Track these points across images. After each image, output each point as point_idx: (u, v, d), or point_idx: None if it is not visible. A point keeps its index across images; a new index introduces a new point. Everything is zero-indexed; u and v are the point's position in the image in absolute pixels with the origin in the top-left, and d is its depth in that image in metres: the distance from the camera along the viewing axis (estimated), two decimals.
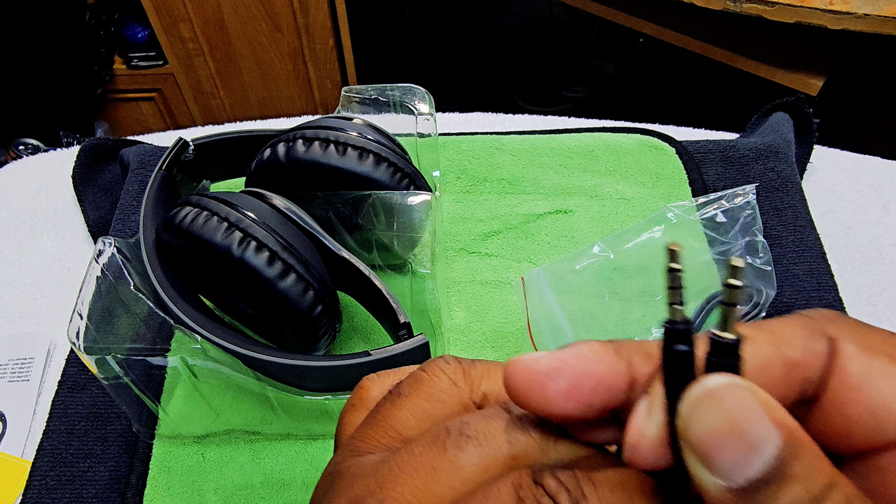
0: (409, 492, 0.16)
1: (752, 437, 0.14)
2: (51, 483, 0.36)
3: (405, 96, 0.43)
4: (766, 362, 0.15)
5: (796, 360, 0.16)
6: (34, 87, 1.18)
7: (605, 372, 0.16)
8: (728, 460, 0.14)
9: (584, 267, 0.41)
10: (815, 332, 0.16)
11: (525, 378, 0.16)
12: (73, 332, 0.31)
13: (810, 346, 0.16)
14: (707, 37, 0.92)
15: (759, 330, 0.16)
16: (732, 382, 0.14)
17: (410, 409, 0.18)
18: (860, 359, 0.15)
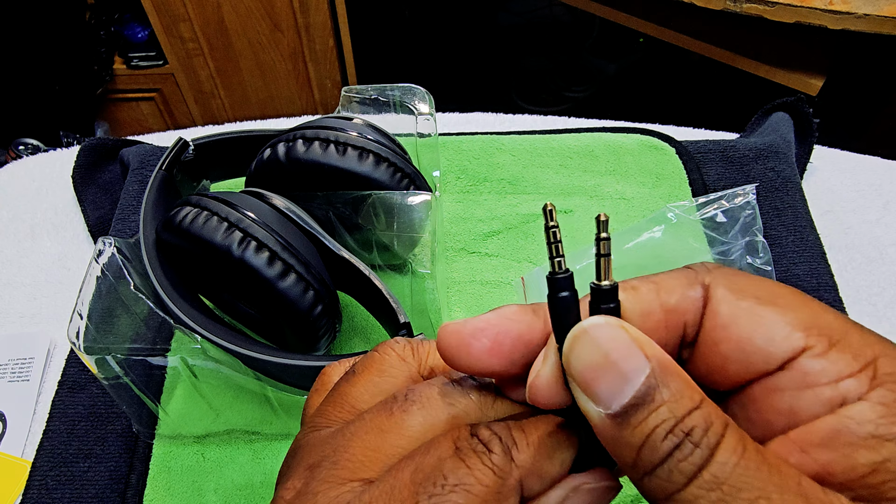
0: (361, 452, 0.17)
1: (624, 368, 0.15)
2: (51, 483, 0.36)
3: (405, 96, 0.43)
4: (647, 308, 0.17)
5: (673, 306, 0.17)
6: (34, 86, 1.18)
7: (523, 329, 0.18)
8: (604, 389, 0.15)
9: (585, 267, 0.41)
10: (692, 280, 0.18)
11: (453, 340, 0.18)
12: (73, 332, 0.31)
13: (687, 292, 0.17)
14: (707, 37, 0.92)
15: (644, 281, 0.18)
16: (606, 321, 0.16)
17: (363, 384, 0.20)
18: (729, 301, 0.17)
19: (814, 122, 0.50)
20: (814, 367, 0.16)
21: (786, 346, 0.16)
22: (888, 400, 0.15)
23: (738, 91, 1.19)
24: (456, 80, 1.56)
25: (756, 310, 0.17)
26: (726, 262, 0.41)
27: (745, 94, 1.14)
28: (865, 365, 0.16)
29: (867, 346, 0.16)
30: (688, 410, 0.15)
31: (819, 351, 0.16)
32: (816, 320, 0.16)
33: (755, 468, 0.14)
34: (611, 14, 0.99)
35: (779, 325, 0.16)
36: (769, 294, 0.17)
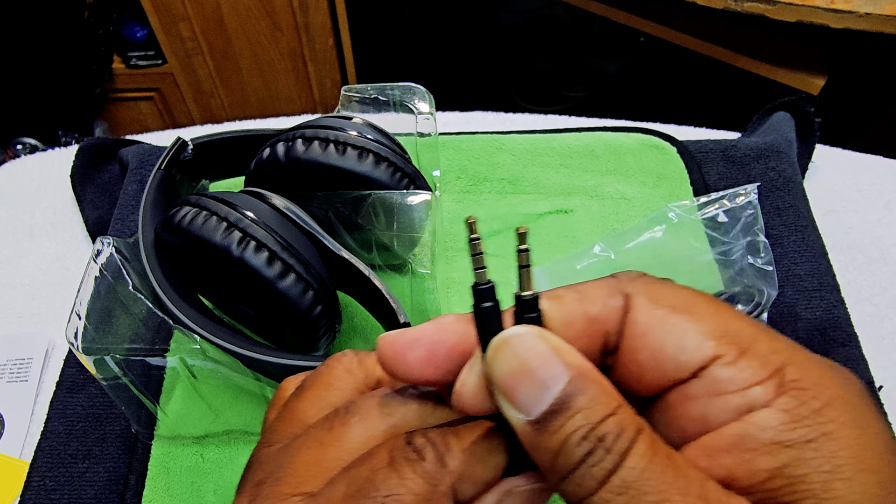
0: (303, 467, 0.18)
1: (543, 376, 0.16)
2: (49, 484, 0.36)
3: (405, 95, 0.43)
4: (570, 317, 0.18)
5: (595, 315, 0.18)
6: (33, 86, 1.18)
7: (458, 339, 0.18)
8: (524, 396, 0.16)
9: (585, 267, 0.41)
10: (614, 289, 0.18)
11: (389, 350, 0.18)
12: (72, 333, 0.31)
13: (608, 301, 0.18)
14: (708, 36, 0.92)
15: (568, 290, 0.19)
16: (525, 331, 0.17)
17: (311, 399, 0.20)
18: (647, 310, 0.17)
19: (815, 121, 0.50)
20: (723, 376, 0.16)
21: (697, 355, 0.17)
22: (790, 407, 0.16)
23: (740, 90, 1.19)
24: (456, 79, 1.56)
25: (670, 319, 0.17)
26: (727, 262, 0.41)
27: (747, 94, 1.14)
28: (773, 373, 0.16)
29: (775, 354, 0.16)
30: (602, 417, 0.15)
31: (729, 359, 0.16)
32: (728, 328, 0.17)
33: (661, 472, 0.15)
34: (611, 13, 0.99)
35: (691, 333, 0.17)
36: (683, 302, 0.17)
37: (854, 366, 0.38)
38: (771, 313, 0.41)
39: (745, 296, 0.40)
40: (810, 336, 0.40)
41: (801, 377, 0.16)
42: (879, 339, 0.42)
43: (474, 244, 0.17)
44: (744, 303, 0.40)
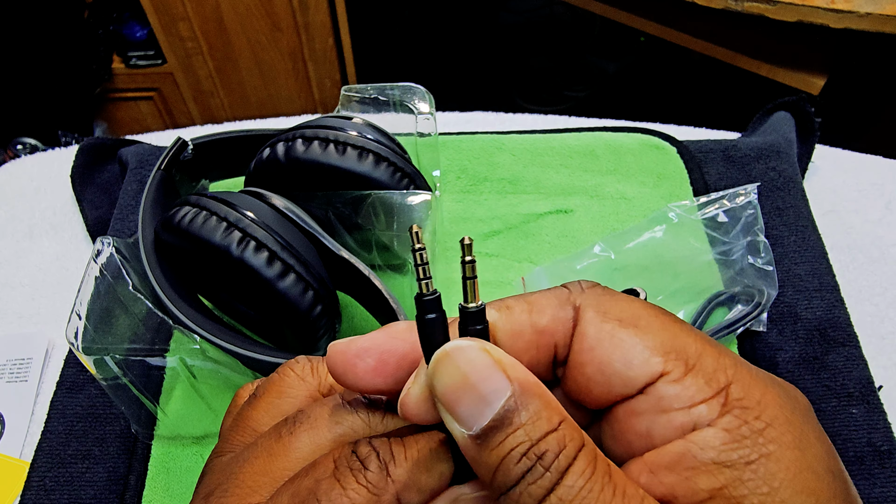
0: (250, 478, 0.18)
1: (483, 391, 0.16)
2: (49, 484, 0.36)
3: (405, 95, 0.43)
4: (518, 328, 0.18)
5: (543, 327, 0.18)
6: (32, 86, 1.18)
7: (408, 348, 0.18)
8: (465, 411, 0.16)
9: (586, 267, 0.41)
10: (564, 300, 0.18)
11: (339, 359, 0.18)
12: (72, 333, 0.31)
13: (557, 313, 0.18)
14: (708, 36, 0.92)
15: (518, 300, 0.18)
16: (467, 344, 0.16)
17: (264, 407, 0.20)
18: (595, 323, 0.17)
19: (815, 121, 0.50)
20: (669, 393, 0.16)
21: (643, 371, 0.17)
22: (733, 426, 0.16)
23: (740, 90, 1.18)
24: (456, 79, 1.56)
25: (617, 333, 0.17)
26: (727, 262, 0.41)
27: (747, 94, 1.14)
28: (718, 391, 0.16)
29: (721, 371, 0.16)
30: (543, 434, 0.15)
31: (675, 376, 0.16)
32: (675, 343, 0.17)
33: (599, 490, 0.15)
34: (611, 13, 0.99)
35: (637, 349, 0.17)
36: (631, 316, 0.17)
37: (854, 366, 0.38)
38: (771, 313, 0.41)
39: (746, 296, 0.40)
40: (810, 336, 0.40)
41: (744, 396, 0.16)
42: (879, 339, 0.42)
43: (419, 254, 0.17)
44: (744, 303, 0.40)
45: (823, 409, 0.37)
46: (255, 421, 0.20)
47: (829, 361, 0.39)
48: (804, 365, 0.39)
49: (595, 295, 0.18)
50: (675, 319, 0.18)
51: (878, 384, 0.38)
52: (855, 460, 0.35)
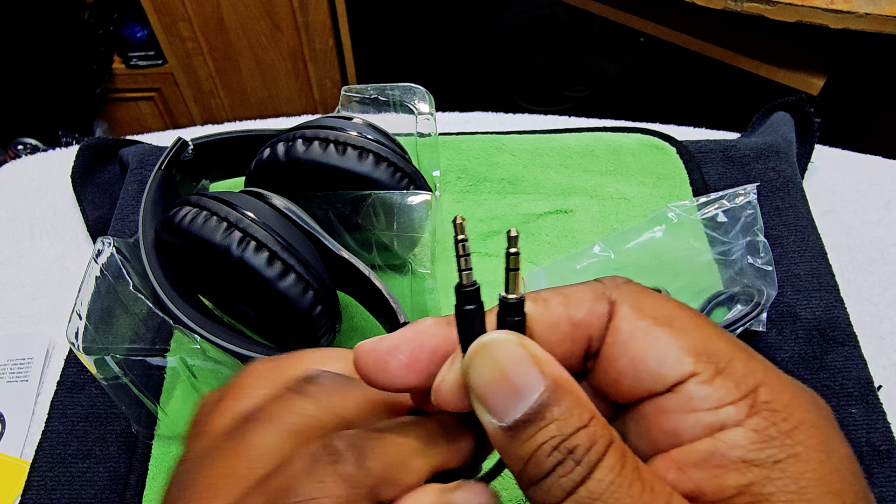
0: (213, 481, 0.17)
1: (519, 385, 0.16)
2: (50, 484, 0.36)
3: (405, 96, 0.43)
4: (555, 321, 0.18)
5: (580, 320, 0.18)
6: (33, 86, 1.18)
7: (439, 342, 0.18)
8: (498, 403, 0.16)
9: (585, 267, 0.41)
10: (600, 295, 0.18)
11: (370, 359, 0.18)
12: (72, 333, 0.31)
13: (593, 307, 0.18)
14: (708, 36, 0.92)
15: (554, 293, 0.18)
16: (505, 337, 0.17)
17: (222, 410, 0.20)
18: (630, 319, 0.18)
19: (815, 121, 0.50)
20: (698, 393, 0.17)
21: (675, 370, 0.17)
22: (761, 427, 0.16)
23: (739, 90, 1.19)
24: (456, 80, 1.56)
25: (652, 330, 0.17)
26: (727, 262, 0.41)
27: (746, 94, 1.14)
28: (746, 393, 0.16)
29: (750, 375, 0.17)
30: (575, 429, 0.16)
31: (705, 377, 0.17)
32: (707, 346, 0.17)
33: (628, 486, 0.15)
34: (611, 13, 0.99)
35: (671, 348, 0.17)
36: (667, 315, 0.18)
37: (853, 366, 0.38)
38: (770, 313, 0.41)
39: (745, 296, 0.40)
40: (809, 336, 0.40)
41: (772, 399, 0.16)
42: (879, 338, 0.42)
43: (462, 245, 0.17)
44: (743, 303, 0.40)
45: None
46: (214, 425, 0.19)
47: (828, 361, 0.39)
48: (803, 365, 0.39)
49: (630, 291, 0.18)
50: (709, 322, 0.18)
51: (877, 384, 0.38)
52: None
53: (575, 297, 0.18)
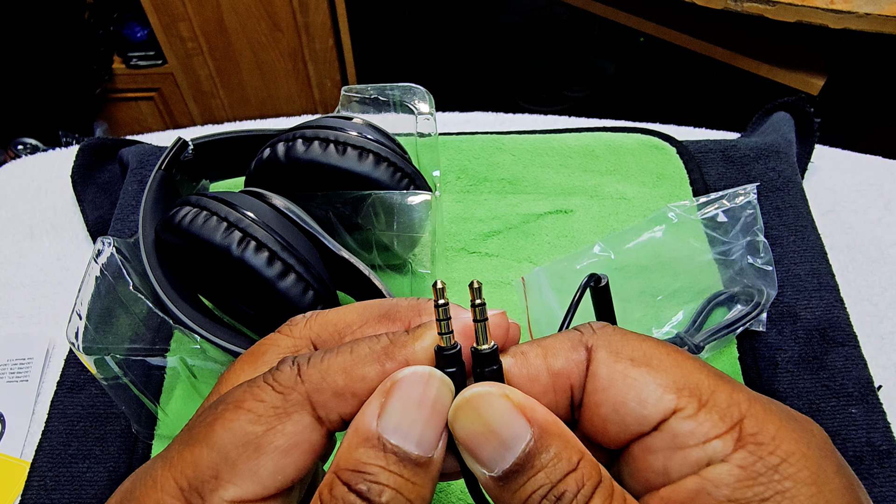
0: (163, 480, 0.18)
1: (505, 436, 0.16)
2: (50, 483, 0.36)
3: (405, 96, 0.43)
4: (535, 373, 0.18)
5: (559, 370, 0.18)
6: (33, 86, 1.18)
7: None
8: (486, 455, 0.16)
9: (585, 267, 0.41)
10: (577, 343, 0.18)
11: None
12: (72, 333, 0.31)
13: (571, 356, 0.18)
14: (708, 36, 0.92)
15: (532, 346, 0.19)
16: (486, 390, 0.17)
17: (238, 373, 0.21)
18: (607, 363, 0.18)
19: (815, 121, 0.50)
20: (683, 429, 0.16)
21: (657, 408, 0.17)
22: (747, 463, 0.16)
23: (739, 90, 1.19)
24: (456, 80, 1.56)
25: (630, 372, 0.17)
26: (727, 262, 0.41)
27: (746, 94, 1.14)
28: (732, 426, 0.16)
29: (734, 406, 0.17)
30: (563, 474, 0.16)
31: (689, 412, 0.17)
32: (688, 380, 0.17)
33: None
34: (611, 13, 0.99)
35: (650, 386, 0.17)
36: (643, 355, 0.18)
37: (853, 366, 0.38)
38: (770, 313, 0.41)
39: (745, 296, 0.40)
40: (809, 336, 0.40)
41: (759, 430, 0.16)
42: (879, 338, 0.42)
43: (441, 309, 0.17)
44: (743, 303, 0.40)
45: (823, 409, 0.37)
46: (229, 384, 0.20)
47: (828, 361, 0.39)
48: (803, 365, 0.39)
49: (606, 335, 0.18)
50: (688, 356, 0.18)
51: (877, 384, 0.38)
52: (854, 460, 0.35)
53: (552, 347, 0.18)
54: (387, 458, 0.16)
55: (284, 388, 0.17)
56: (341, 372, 0.17)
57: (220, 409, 0.18)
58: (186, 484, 0.17)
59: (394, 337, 0.18)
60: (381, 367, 0.18)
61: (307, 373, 0.17)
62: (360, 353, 0.18)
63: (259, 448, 0.17)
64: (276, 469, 0.17)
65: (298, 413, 0.17)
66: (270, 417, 0.17)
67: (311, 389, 0.17)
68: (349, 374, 0.17)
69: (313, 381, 0.17)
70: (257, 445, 0.17)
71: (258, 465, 0.17)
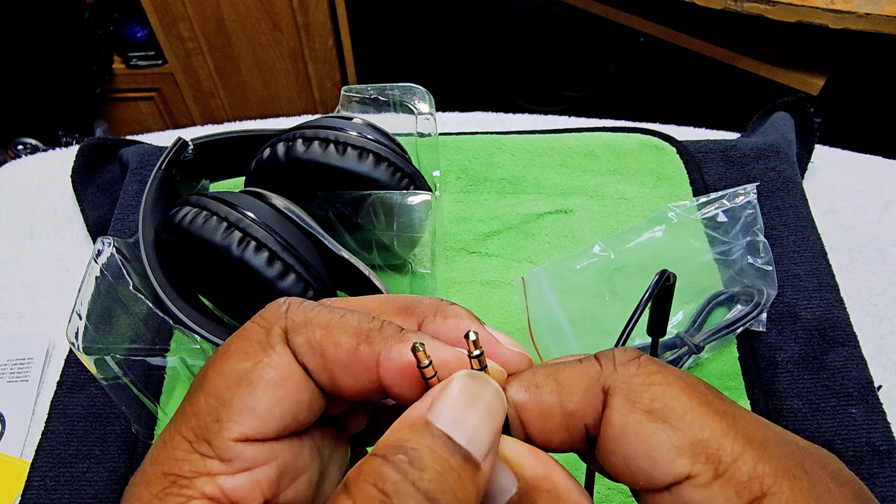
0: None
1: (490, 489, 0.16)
2: (50, 484, 0.36)
3: (405, 96, 0.43)
4: (548, 411, 0.18)
5: (572, 410, 0.18)
6: (33, 86, 1.18)
7: None
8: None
9: (585, 267, 0.41)
10: (594, 381, 0.18)
11: None
12: (72, 333, 0.31)
13: (587, 396, 0.17)
14: (708, 36, 0.92)
15: (548, 379, 0.18)
16: None
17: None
18: (623, 413, 0.17)
19: (815, 121, 0.50)
20: (693, 498, 0.16)
21: (668, 472, 0.16)
22: None
23: (739, 90, 1.19)
24: (456, 80, 1.55)
25: (645, 427, 0.16)
26: (727, 262, 0.41)
27: (746, 94, 1.14)
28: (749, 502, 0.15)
29: (756, 481, 0.15)
30: None
31: (702, 481, 0.15)
32: (708, 443, 0.16)
33: None
34: (611, 13, 0.99)
35: (663, 447, 0.16)
36: (663, 407, 0.16)
37: (853, 366, 0.38)
38: (770, 313, 0.41)
39: (745, 296, 0.40)
40: (809, 336, 0.40)
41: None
42: (879, 338, 0.42)
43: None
44: (743, 303, 0.40)
45: (823, 409, 0.37)
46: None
47: (828, 361, 0.39)
48: (803, 365, 0.39)
49: (627, 376, 0.17)
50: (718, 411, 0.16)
51: (877, 384, 0.38)
52: (854, 460, 0.35)
53: (568, 384, 0.18)
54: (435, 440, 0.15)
55: (268, 323, 0.18)
56: (322, 327, 0.18)
57: (211, 359, 0.18)
58: (192, 435, 0.17)
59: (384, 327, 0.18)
60: (356, 345, 0.17)
61: (293, 311, 0.18)
62: (347, 321, 0.18)
63: (251, 383, 0.17)
64: (273, 401, 0.17)
65: (282, 345, 0.17)
66: (257, 352, 0.17)
67: (291, 327, 0.18)
68: (328, 331, 0.17)
69: (295, 321, 0.18)
70: (249, 381, 0.17)
71: (254, 399, 0.17)
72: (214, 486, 0.16)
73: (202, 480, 0.16)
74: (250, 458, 0.17)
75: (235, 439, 0.16)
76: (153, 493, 0.16)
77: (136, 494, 0.17)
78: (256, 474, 0.17)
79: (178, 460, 0.17)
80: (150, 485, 0.17)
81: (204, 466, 0.16)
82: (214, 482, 0.16)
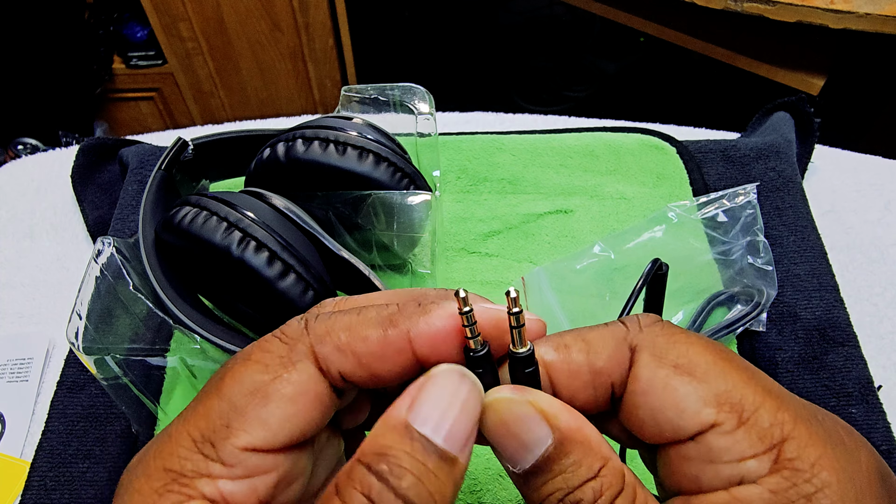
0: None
1: (526, 439, 0.17)
2: (50, 484, 0.36)
3: (405, 96, 0.43)
4: (576, 369, 0.18)
5: (600, 368, 0.18)
6: (33, 86, 1.18)
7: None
8: (509, 453, 0.17)
9: (585, 267, 0.41)
10: (621, 341, 0.18)
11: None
12: (72, 333, 0.31)
13: (614, 354, 0.18)
14: (708, 36, 0.92)
15: (576, 339, 0.19)
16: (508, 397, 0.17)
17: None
18: (650, 368, 0.17)
19: (815, 121, 0.50)
20: (719, 445, 0.16)
21: (694, 422, 0.17)
22: (781, 488, 0.15)
23: (739, 90, 1.19)
24: (456, 80, 1.56)
25: (671, 380, 0.17)
26: (727, 262, 0.41)
27: (746, 94, 1.14)
28: (770, 447, 0.16)
29: (777, 427, 0.16)
30: (582, 481, 0.16)
31: (727, 428, 0.16)
32: (731, 394, 0.17)
33: None
34: (611, 13, 0.99)
35: (691, 398, 0.17)
36: (688, 362, 0.17)
37: (853, 366, 0.38)
38: (770, 313, 0.41)
39: (745, 296, 0.40)
40: (809, 336, 0.40)
41: (798, 455, 0.16)
42: (879, 338, 0.42)
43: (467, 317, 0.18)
44: (743, 303, 0.40)
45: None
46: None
47: (828, 361, 0.39)
48: (803, 365, 0.39)
49: (652, 335, 0.18)
50: (737, 365, 0.17)
51: (877, 384, 0.38)
52: None
53: (596, 343, 0.18)
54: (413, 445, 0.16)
55: (290, 340, 0.18)
56: (345, 329, 0.18)
57: (229, 364, 0.18)
58: (199, 435, 0.17)
59: (403, 307, 0.18)
60: (384, 332, 0.18)
61: (313, 326, 0.18)
62: (366, 316, 0.18)
63: (267, 396, 0.17)
64: (285, 417, 0.17)
65: (303, 362, 0.18)
66: (277, 366, 0.18)
67: (315, 341, 0.18)
68: (352, 332, 0.18)
69: (318, 333, 0.18)
70: (265, 393, 0.17)
71: (267, 412, 0.17)
72: (214, 489, 0.17)
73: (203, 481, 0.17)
74: (253, 466, 0.17)
75: (242, 448, 0.17)
76: (153, 488, 0.17)
77: (137, 486, 0.17)
78: (256, 482, 0.17)
79: (181, 458, 0.17)
80: (150, 478, 0.17)
81: (206, 468, 0.17)
82: (214, 485, 0.17)
